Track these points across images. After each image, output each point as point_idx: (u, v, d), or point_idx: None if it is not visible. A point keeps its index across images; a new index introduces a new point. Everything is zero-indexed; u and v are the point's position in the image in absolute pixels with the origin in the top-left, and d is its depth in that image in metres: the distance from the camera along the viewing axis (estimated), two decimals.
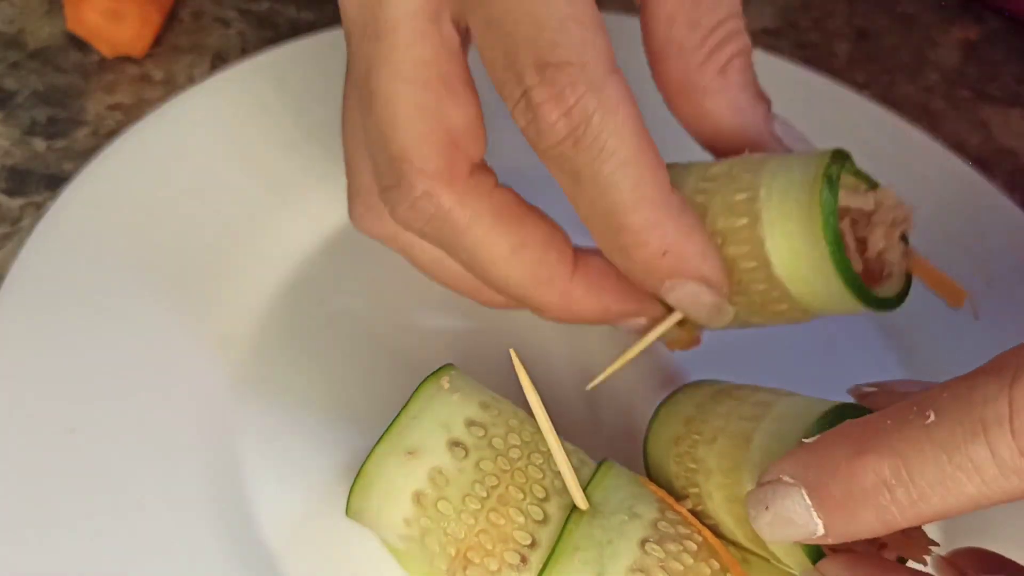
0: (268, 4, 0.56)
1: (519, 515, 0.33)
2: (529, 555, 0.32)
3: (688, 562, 0.32)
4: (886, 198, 0.33)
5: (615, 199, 0.31)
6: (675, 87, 0.36)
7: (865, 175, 0.34)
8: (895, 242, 0.33)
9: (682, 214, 0.33)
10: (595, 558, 0.32)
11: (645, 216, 0.32)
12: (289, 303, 0.44)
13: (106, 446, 0.38)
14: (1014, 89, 0.59)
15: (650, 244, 0.32)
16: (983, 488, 0.24)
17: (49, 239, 0.42)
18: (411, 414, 0.34)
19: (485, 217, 0.34)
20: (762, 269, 0.34)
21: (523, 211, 0.35)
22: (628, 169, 0.31)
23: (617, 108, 0.30)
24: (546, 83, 0.30)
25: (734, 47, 0.36)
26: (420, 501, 0.33)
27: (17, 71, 0.52)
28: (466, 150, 0.34)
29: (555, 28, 0.30)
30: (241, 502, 0.38)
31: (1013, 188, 0.53)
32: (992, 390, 0.24)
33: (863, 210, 0.33)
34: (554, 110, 0.30)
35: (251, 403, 0.41)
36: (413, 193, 0.33)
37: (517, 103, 0.31)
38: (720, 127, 0.36)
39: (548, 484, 0.34)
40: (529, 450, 0.34)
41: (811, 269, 0.33)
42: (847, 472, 0.26)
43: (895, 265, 0.33)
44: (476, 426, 0.34)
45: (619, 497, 0.33)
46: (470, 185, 0.34)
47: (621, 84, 0.31)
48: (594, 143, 0.30)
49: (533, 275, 0.35)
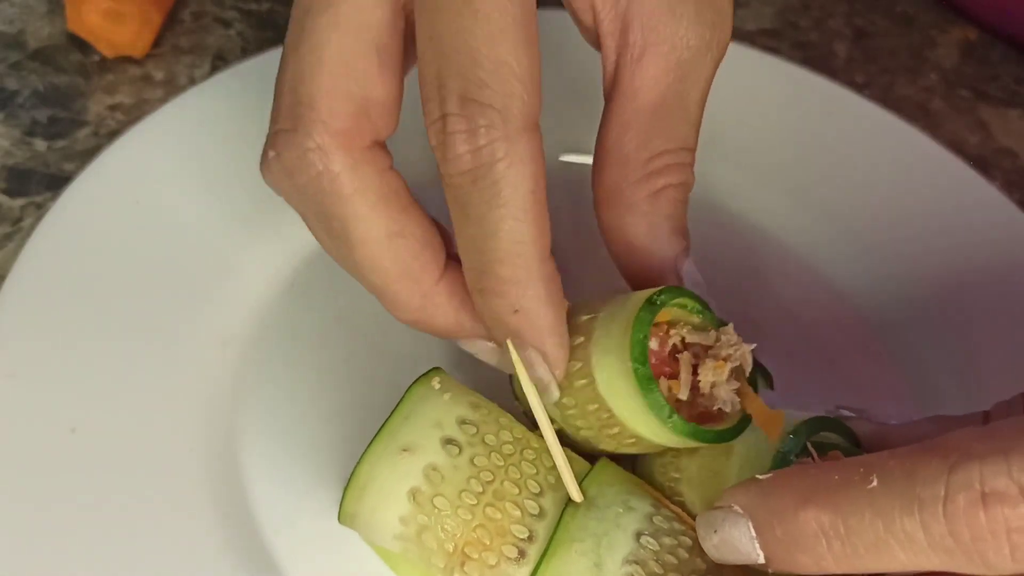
0: (268, 4, 0.56)
1: (515, 509, 0.33)
2: (527, 548, 0.33)
3: (683, 556, 0.32)
4: (726, 335, 0.33)
5: (491, 245, 0.31)
6: (606, 191, 0.36)
7: (715, 318, 0.35)
8: (726, 378, 0.33)
9: (547, 285, 0.32)
10: (592, 549, 0.32)
11: (511, 272, 0.32)
12: (289, 303, 0.44)
13: (107, 446, 0.38)
14: (1013, 89, 0.59)
15: (507, 297, 0.32)
16: (913, 557, 0.26)
17: (50, 239, 0.42)
18: (403, 414, 0.34)
19: (370, 194, 0.33)
20: (591, 386, 0.34)
21: (409, 201, 0.34)
22: (512, 224, 0.31)
23: (523, 163, 0.31)
24: (464, 116, 0.30)
25: (674, 178, 0.36)
26: (416, 498, 0.33)
27: (18, 71, 0.52)
28: (374, 124, 0.33)
29: (489, 70, 0.30)
30: (241, 502, 0.38)
31: (1012, 188, 0.53)
32: (933, 471, 0.26)
33: (703, 345, 0.33)
34: (464, 143, 0.30)
35: (251, 403, 0.41)
36: (306, 143, 0.32)
37: (434, 122, 0.31)
38: (632, 245, 0.36)
39: (542, 479, 0.34)
40: (521, 446, 0.34)
41: (624, 388, 0.33)
42: (792, 517, 0.28)
43: (727, 403, 0.33)
44: (468, 424, 0.34)
45: (614, 491, 0.34)
46: (366, 157, 0.33)
47: (535, 144, 0.31)
48: (491, 187, 0.31)
49: (402, 267, 0.34)
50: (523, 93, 0.30)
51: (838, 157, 0.51)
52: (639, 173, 0.35)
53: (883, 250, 0.48)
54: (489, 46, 0.30)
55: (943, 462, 0.26)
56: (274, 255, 0.45)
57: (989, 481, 0.25)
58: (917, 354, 0.45)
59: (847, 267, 0.48)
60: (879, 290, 0.47)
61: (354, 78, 0.32)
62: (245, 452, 0.39)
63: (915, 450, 0.27)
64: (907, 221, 0.48)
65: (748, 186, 0.50)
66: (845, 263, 0.48)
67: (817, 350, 0.45)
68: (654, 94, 0.35)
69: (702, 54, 0.35)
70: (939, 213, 0.48)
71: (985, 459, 0.25)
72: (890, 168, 0.50)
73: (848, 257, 0.48)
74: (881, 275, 0.47)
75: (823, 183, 0.50)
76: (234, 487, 0.38)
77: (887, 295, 0.47)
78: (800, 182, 0.50)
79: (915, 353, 0.45)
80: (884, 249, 0.48)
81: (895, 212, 0.49)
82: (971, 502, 0.25)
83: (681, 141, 0.36)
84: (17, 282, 0.41)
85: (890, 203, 0.49)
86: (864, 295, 0.47)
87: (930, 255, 0.47)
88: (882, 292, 0.47)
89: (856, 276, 0.48)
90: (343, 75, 0.32)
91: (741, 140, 0.51)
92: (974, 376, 0.43)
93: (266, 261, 0.45)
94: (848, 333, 0.46)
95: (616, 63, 0.35)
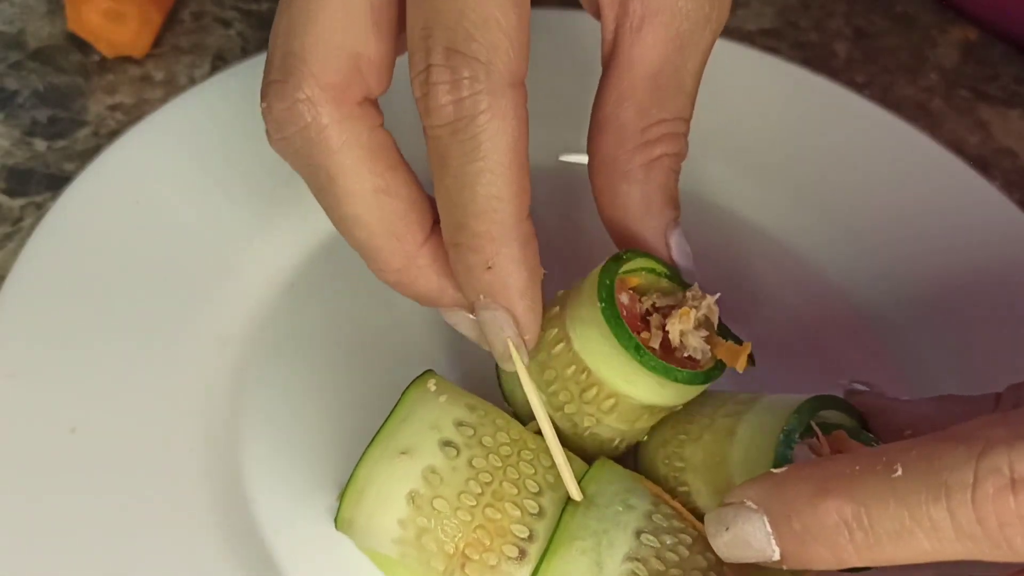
0: (268, 4, 0.56)
1: (515, 509, 0.33)
2: (527, 548, 0.33)
3: (684, 553, 0.32)
4: (691, 292, 0.34)
5: (467, 198, 0.31)
6: (600, 159, 0.36)
7: (682, 281, 0.36)
8: (692, 325, 0.34)
9: (522, 246, 0.32)
10: (592, 547, 0.32)
11: (487, 227, 0.32)
12: (289, 303, 0.44)
13: (107, 446, 0.38)
14: (1013, 89, 0.59)
15: (481, 253, 0.32)
16: (937, 545, 0.26)
17: (50, 239, 0.43)
18: (400, 417, 0.34)
19: (358, 149, 0.33)
20: (568, 349, 0.34)
21: (398, 160, 0.34)
22: (491, 177, 0.31)
23: (504, 118, 0.31)
24: (448, 67, 0.30)
25: (669, 147, 0.36)
26: (415, 501, 0.33)
27: (18, 71, 0.52)
28: (365, 80, 0.33)
29: (476, 23, 0.30)
30: (241, 502, 0.38)
31: (1012, 188, 0.53)
32: (960, 458, 0.26)
33: (671, 305, 0.34)
34: (446, 94, 0.30)
35: (251, 403, 0.41)
36: (296, 94, 0.32)
37: (419, 74, 0.31)
38: (624, 212, 0.36)
39: (540, 479, 0.34)
40: (519, 447, 0.34)
41: (596, 334, 0.33)
42: (811, 509, 0.27)
43: (698, 350, 0.34)
44: (465, 426, 0.34)
45: (613, 490, 0.34)
46: (356, 112, 0.33)
47: (519, 100, 0.31)
48: (470, 140, 0.31)
49: (387, 225, 0.34)
50: (509, 48, 0.30)
51: (838, 157, 0.51)
52: (635, 141, 0.35)
53: (883, 250, 0.48)
54: (478, 0, 0.30)
55: (969, 449, 0.26)
56: (274, 255, 0.45)
57: (1018, 467, 0.25)
58: (916, 353, 0.45)
59: (846, 266, 0.48)
60: (878, 289, 0.47)
61: (347, 33, 0.32)
62: (245, 452, 0.39)
63: (937, 438, 0.27)
64: (907, 221, 0.48)
65: (748, 186, 0.50)
66: (844, 262, 0.48)
67: (816, 349, 0.45)
68: (652, 64, 0.35)
69: (701, 26, 0.35)
70: (939, 213, 0.48)
71: (1013, 445, 0.25)
72: (890, 168, 0.50)
73: (848, 256, 0.48)
74: (881, 274, 0.47)
75: (823, 183, 0.50)
76: (234, 487, 0.38)
77: (886, 294, 0.47)
78: (800, 182, 0.50)
79: (914, 352, 0.45)
80: (884, 249, 0.48)
81: (895, 212, 0.49)
82: (1000, 488, 0.25)
83: (677, 111, 0.36)
84: (17, 282, 0.41)
85: (890, 203, 0.49)
86: (863, 294, 0.47)
87: (930, 255, 0.47)
88: (882, 291, 0.47)
89: (855, 275, 0.48)
90: (336, 29, 0.32)
91: (741, 140, 0.51)
92: (973, 375, 0.43)
93: (266, 261, 0.45)
94: (847, 332, 0.46)
95: (615, 32, 0.35)
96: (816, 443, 0.32)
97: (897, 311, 0.46)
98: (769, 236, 0.49)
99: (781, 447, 0.32)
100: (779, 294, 0.47)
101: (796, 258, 0.48)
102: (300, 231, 0.46)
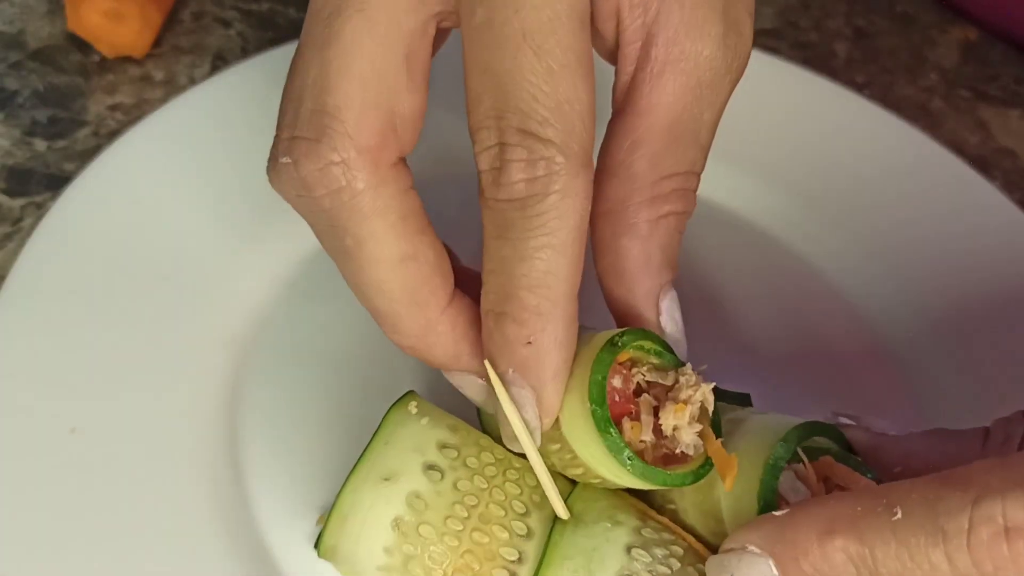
0: (268, 4, 0.56)
1: (502, 531, 0.33)
2: (517, 570, 0.32)
3: (675, 566, 0.32)
4: (684, 376, 0.33)
5: (524, 270, 0.31)
6: (606, 206, 0.34)
7: (675, 358, 0.34)
8: (687, 421, 0.32)
9: (566, 326, 0.32)
10: (583, 565, 0.32)
11: (538, 302, 0.31)
12: (289, 304, 0.44)
13: (107, 445, 0.38)
14: (1013, 89, 0.59)
15: (525, 327, 0.31)
16: None
17: (50, 239, 0.43)
18: (382, 440, 0.34)
19: (391, 214, 0.32)
20: (555, 427, 0.33)
21: (426, 223, 0.33)
22: (552, 254, 0.31)
23: (575, 198, 0.30)
24: (525, 147, 0.30)
25: (679, 205, 0.35)
26: (400, 527, 0.32)
27: (18, 71, 0.52)
28: (400, 139, 0.32)
29: (551, 108, 0.30)
30: (241, 502, 0.38)
31: (1012, 188, 0.53)
32: (956, 504, 0.27)
33: (663, 385, 0.33)
34: (521, 172, 0.30)
35: (251, 403, 0.41)
36: (331, 156, 0.30)
37: (488, 149, 0.30)
38: (620, 266, 0.35)
39: (527, 499, 0.34)
40: (504, 467, 0.34)
41: (584, 429, 0.32)
42: (819, 550, 0.28)
43: (691, 446, 0.32)
44: (449, 448, 0.34)
45: (599, 507, 0.34)
46: (390, 176, 0.32)
47: (589, 181, 0.31)
48: (539, 217, 0.30)
49: (411, 292, 0.33)
50: (583, 131, 0.30)
51: (838, 157, 0.51)
52: (645, 194, 0.34)
53: (882, 250, 0.48)
54: (551, 84, 0.30)
55: (965, 495, 0.27)
56: (274, 256, 0.45)
57: (1011, 515, 0.26)
58: (915, 352, 0.45)
59: (845, 265, 0.48)
60: (876, 289, 0.47)
61: (382, 86, 0.31)
62: (245, 452, 0.39)
63: (935, 482, 0.28)
64: (907, 221, 0.48)
65: (747, 186, 0.50)
66: (843, 262, 0.48)
67: (814, 348, 0.45)
68: (670, 112, 0.34)
69: (721, 76, 0.34)
70: (939, 213, 0.49)
71: (1006, 494, 0.26)
72: (890, 168, 0.50)
73: (846, 256, 0.48)
74: (880, 274, 0.47)
75: (822, 183, 0.50)
76: (234, 487, 0.38)
77: (885, 294, 0.47)
78: (799, 182, 0.50)
79: (913, 351, 0.45)
80: (883, 249, 0.48)
81: (895, 212, 0.49)
82: (994, 535, 0.26)
83: (690, 164, 0.35)
84: (17, 282, 0.41)
85: (890, 203, 0.49)
86: (861, 294, 0.47)
87: (929, 255, 0.47)
88: (880, 291, 0.47)
89: (854, 275, 0.48)
90: (373, 86, 0.31)
91: (740, 140, 0.51)
92: (972, 374, 0.44)
93: (267, 262, 0.45)
94: (845, 332, 0.46)
95: (633, 75, 0.34)
96: (802, 469, 0.32)
97: (895, 310, 0.46)
98: (767, 235, 0.49)
99: (767, 477, 0.31)
100: (776, 292, 0.47)
101: (793, 257, 0.48)
102: (300, 231, 0.46)
